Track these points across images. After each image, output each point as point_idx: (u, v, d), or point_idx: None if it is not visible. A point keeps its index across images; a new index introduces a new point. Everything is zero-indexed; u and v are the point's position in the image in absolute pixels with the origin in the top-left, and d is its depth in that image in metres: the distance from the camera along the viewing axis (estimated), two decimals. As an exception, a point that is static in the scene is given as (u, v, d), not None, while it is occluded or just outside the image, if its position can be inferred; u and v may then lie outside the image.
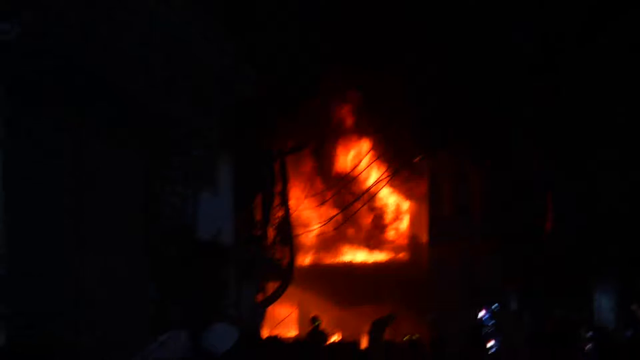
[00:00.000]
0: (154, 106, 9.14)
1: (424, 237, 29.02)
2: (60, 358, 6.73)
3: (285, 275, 17.18)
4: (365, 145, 29.47)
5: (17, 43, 6.65)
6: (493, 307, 4.71)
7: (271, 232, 16.80)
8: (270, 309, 17.97)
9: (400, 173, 29.29)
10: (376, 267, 32.64)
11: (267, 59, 13.19)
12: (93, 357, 7.76)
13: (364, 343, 22.85)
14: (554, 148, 19.47)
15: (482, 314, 4.81)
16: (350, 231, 32.22)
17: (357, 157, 29.20)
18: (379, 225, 33.77)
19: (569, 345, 7.50)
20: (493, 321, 4.84)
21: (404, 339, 19.56)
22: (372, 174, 29.26)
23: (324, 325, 24.52)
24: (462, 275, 23.97)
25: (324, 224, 22.13)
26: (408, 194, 32.16)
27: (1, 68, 6.44)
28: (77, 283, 7.85)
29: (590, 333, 10.35)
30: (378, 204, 32.56)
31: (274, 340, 15.77)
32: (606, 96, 17.15)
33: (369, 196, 29.12)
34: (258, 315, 15.05)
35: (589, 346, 9.69)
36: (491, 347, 5.30)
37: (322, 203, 22.75)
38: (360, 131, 28.90)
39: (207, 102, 10.83)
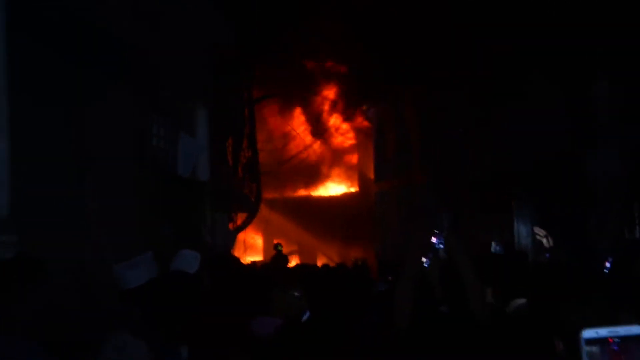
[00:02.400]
0: (147, 59, 9.14)
1: (370, 174, 29.22)
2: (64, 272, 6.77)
3: (253, 208, 17.24)
4: (322, 96, 29.58)
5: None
6: (442, 233, 4.79)
7: (241, 170, 16.80)
8: (240, 236, 18.07)
9: (351, 120, 29.52)
10: (330, 200, 32.89)
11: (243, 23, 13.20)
12: (94, 270, 7.79)
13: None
14: (476, 95, 19.62)
15: (434, 239, 4.90)
16: (309, 169, 32.41)
17: (316, 107, 29.27)
18: (333, 164, 34.00)
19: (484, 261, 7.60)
20: (442, 246, 4.90)
21: (353, 261, 19.79)
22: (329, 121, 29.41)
23: (285, 250, 24.81)
24: (402, 204, 24.26)
25: (286, 162, 22.19)
26: (358, 138, 32.40)
27: (7, 22, 6.31)
28: (81, 209, 7.88)
29: (496, 247, 10.42)
30: (333, 147, 32.76)
31: (245, 263, 15.89)
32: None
33: (326, 140, 29.28)
34: (230, 241, 15.13)
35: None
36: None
37: (284, 145, 22.75)
38: (318, 85, 29.03)
39: (190, 57, 10.82)
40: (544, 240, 6.10)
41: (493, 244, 11.71)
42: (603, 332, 1.91)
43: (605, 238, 14.02)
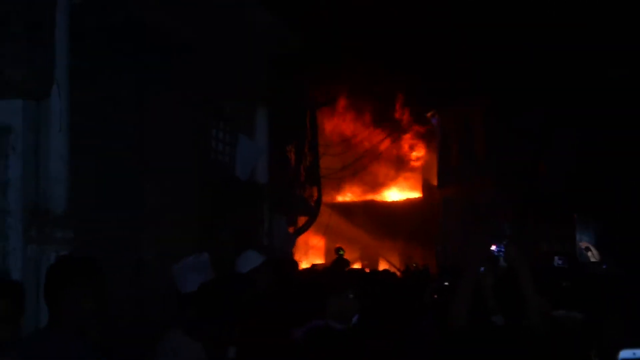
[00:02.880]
0: (208, 62, 9.25)
1: (434, 180, 29.08)
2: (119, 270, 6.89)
3: (313, 211, 17.26)
4: (386, 101, 29.54)
5: (85, 2, 6.72)
6: (503, 242, 4.76)
7: (302, 174, 16.84)
8: (301, 239, 18.13)
9: (416, 125, 29.45)
10: (393, 205, 32.81)
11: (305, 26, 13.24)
12: (151, 270, 7.90)
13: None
14: (552, 104, 19.43)
15: (493, 247, 4.88)
16: (372, 174, 32.38)
17: (379, 112, 29.24)
18: (396, 170, 33.91)
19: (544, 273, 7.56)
20: (502, 254, 4.88)
21: (413, 265, 19.79)
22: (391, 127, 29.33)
23: (346, 255, 24.78)
24: (466, 211, 24.09)
25: (348, 167, 22.20)
26: (422, 143, 32.28)
27: (69, 26, 6.44)
28: (139, 208, 7.99)
29: (559, 261, 10.30)
30: (397, 152, 32.65)
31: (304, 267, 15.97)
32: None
33: (389, 144, 29.21)
34: (289, 244, 15.18)
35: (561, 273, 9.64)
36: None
37: (347, 150, 22.77)
38: (382, 90, 29.01)
39: (251, 61, 10.91)
40: (589, 254, 6.01)
41: (556, 258, 11.62)
42: None
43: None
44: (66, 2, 6.43)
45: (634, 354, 1.86)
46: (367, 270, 19.08)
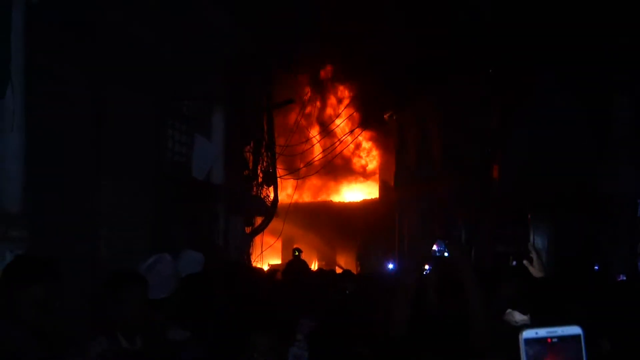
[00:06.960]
0: (164, 60, 9.32)
1: (391, 181, 29.27)
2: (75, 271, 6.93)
3: (269, 211, 17.35)
4: (343, 102, 29.69)
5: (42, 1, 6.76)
6: (444, 240, 4.84)
7: (259, 174, 16.91)
8: (258, 239, 18.18)
9: (372, 126, 29.58)
10: (351, 206, 32.96)
11: (261, 25, 13.28)
12: (106, 269, 7.94)
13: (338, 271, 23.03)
14: (504, 106, 19.71)
15: (435, 247, 4.97)
16: (330, 175, 32.50)
17: (335, 113, 29.35)
18: (354, 170, 34.06)
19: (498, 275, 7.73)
20: (445, 253, 4.97)
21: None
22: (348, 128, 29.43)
23: (304, 255, 24.85)
24: (422, 211, 24.31)
25: (303, 167, 22.31)
26: (380, 145, 32.48)
27: (25, 25, 6.47)
28: (95, 208, 8.03)
29: (514, 262, 10.57)
30: (354, 153, 32.81)
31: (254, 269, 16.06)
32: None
33: (346, 146, 29.28)
34: (245, 245, 15.26)
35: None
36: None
37: (303, 152, 22.86)
38: (338, 91, 29.17)
39: (207, 59, 10.98)
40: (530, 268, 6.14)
41: (510, 257, 12.00)
42: (542, 332, 2.01)
43: (617, 253, 14.04)
44: (22, 1, 6.48)
45: (536, 333, 2.02)
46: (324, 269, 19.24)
